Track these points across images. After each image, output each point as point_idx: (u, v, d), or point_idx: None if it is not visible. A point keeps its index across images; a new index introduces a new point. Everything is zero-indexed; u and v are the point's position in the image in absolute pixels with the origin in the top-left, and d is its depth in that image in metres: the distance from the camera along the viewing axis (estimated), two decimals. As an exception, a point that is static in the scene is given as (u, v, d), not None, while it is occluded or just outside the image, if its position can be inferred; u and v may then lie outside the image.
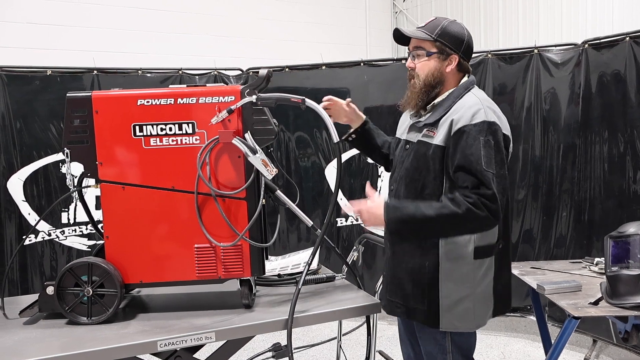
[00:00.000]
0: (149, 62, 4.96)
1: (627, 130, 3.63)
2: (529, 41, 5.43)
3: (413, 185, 2.03)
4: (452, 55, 2.03)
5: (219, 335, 1.84)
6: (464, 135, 1.90)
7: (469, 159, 1.87)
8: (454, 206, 1.86)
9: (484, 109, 1.93)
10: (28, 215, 4.20)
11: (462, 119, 1.92)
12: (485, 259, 2.02)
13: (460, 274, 1.99)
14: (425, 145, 2.01)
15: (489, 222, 1.89)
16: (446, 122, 1.96)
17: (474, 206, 1.84)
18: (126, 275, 1.98)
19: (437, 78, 2.03)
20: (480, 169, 1.86)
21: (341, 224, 4.71)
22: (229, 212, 1.96)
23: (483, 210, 1.84)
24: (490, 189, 1.84)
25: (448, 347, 2.04)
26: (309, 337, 4.16)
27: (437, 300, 2.00)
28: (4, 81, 4.10)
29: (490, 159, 1.87)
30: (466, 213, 1.84)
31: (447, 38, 2.02)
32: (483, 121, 1.91)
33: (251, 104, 1.93)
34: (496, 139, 1.91)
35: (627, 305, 2.26)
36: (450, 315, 1.99)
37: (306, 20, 7.96)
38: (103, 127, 1.95)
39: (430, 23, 2.07)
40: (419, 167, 2.02)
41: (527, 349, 3.94)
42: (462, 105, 1.97)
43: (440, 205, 1.89)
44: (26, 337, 1.84)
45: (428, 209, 1.90)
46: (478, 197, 1.85)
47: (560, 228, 4.12)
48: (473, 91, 2.04)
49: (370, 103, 4.59)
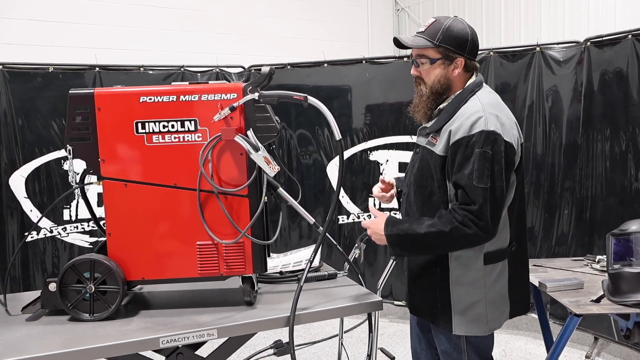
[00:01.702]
0: (150, 60, 4.96)
1: (629, 128, 3.62)
2: (531, 39, 5.42)
3: (421, 191, 2.03)
4: (457, 58, 1.97)
5: (221, 332, 1.84)
6: (460, 148, 1.87)
7: (462, 173, 1.85)
8: (441, 224, 1.86)
9: (484, 117, 1.88)
10: (30, 212, 4.21)
11: (460, 130, 1.88)
12: (497, 263, 1.99)
13: (470, 280, 1.97)
14: (428, 153, 2.00)
15: (478, 239, 1.86)
16: (447, 131, 1.92)
17: (462, 224, 1.83)
18: (128, 272, 1.99)
19: (444, 85, 1.98)
20: (470, 184, 1.83)
21: (343, 221, 4.72)
22: (231, 209, 1.96)
23: (471, 228, 1.82)
24: (476, 204, 1.82)
25: (463, 347, 2.02)
26: (311, 334, 4.16)
27: (449, 305, 1.99)
28: (6, 78, 4.10)
29: (482, 173, 1.82)
30: (452, 231, 1.83)
31: (450, 41, 1.95)
32: (481, 131, 1.85)
33: (253, 102, 1.93)
34: (495, 149, 1.85)
35: (629, 302, 2.26)
36: (462, 320, 1.98)
37: (308, 18, 7.95)
38: (105, 124, 1.95)
39: (430, 27, 1.98)
40: (424, 174, 2.01)
41: (529, 347, 3.94)
42: (463, 113, 1.92)
43: (430, 223, 1.89)
44: (29, 333, 1.85)
45: (419, 226, 1.90)
46: (465, 213, 1.83)
47: (561, 226, 4.12)
48: (478, 94, 1.98)
49: (372, 101, 4.59)
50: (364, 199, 4.64)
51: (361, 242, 2.65)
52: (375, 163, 4.61)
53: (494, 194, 1.84)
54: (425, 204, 2.01)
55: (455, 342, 2.03)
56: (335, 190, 1.94)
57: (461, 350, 2.02)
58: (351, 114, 4.68)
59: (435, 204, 1.97)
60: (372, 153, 4.62)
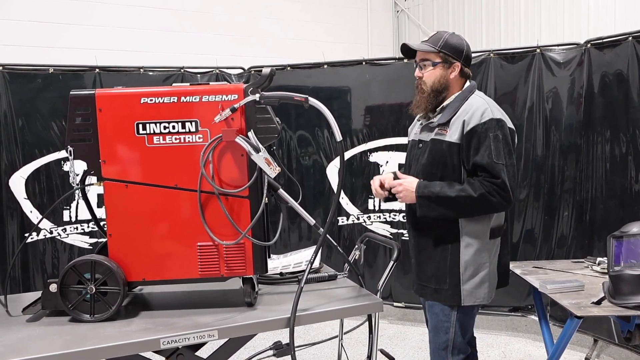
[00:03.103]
0: (151, 61, 4.96)
1: (630, 130, 3.62)
2: (531, 41, 5.42)
3: (431, 177, 2.29)
4: (454, 63, 2.31)
5: (221, 333, 1.84)
6: (475, 134, 2.20)
7: (481, 154, 2.18)
8: (471, 190, 2.17)
9: (490, 108, 2.23)
10: (30, 213, 4.20)
11: (473, 119, 2.21)
12: (496, 239, 2.34)
13: (478, 253, 2.27)
14: (439, 143, 2.28)
15: (500, 207, 2.22)
16: (457, 122, 2.24)
17: (488, 193, 2.16)
18: (129, 273, 1.99)
19: (443, 84, 2.31)
20: (490, 162, 2.16)
21: (343, 222, 4.72)
22: (231, 210, 1.97)
23: (495, 197, 2.16)
24: (499, 178, 2.16)
25: (453, 321, 2.31)
26: (310, 335, 4.16)
27: (459, 278, 2.27)
28: (6, 79, 4.10)
29: (499, 152, 2.18)
30: (480, 197, 2.16)
31: (449, 49, 2.30)
32: (491, 119, 2.20)
33: (254, 103, 1.94)
34: (504, 133, 2.21)
35: (630, 304, 2.27)
36: (470, 290, 2.28)
37: (308, 19, 7.96)
38: (106, 125, 1.96)
39: (433, 36, 2.33)
40: (434, 162, 2.29)
41: (528, 349, 3.94)
42: (471, 107, 2.25)
43: (460, 188, 2.20)
44: (29, 334, 1.85)
45: (450, 190, 2.20)
46: (491, 185, 2.16)
47: (561, 228, 4.11)
48: (477, 93, 2.33)
49: (372, 102, 4.59)
50: (364, 200, 4.64)
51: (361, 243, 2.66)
52: (375, 164, 4.60)
53: (509, 170, 2.20)
54: None
55: (447, 315, 2.31)
56: (336, 191, 1.95)
57: (451, 323, 2.31)
58: (351, 115, 4.69)
59: None
60: (372, 154, 4.62)
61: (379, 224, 4.63)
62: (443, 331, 2.33)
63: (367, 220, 4.67)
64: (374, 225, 4.66)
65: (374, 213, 4.65)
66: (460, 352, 2.34)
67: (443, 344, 2.33)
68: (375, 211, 4.64)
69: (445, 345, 2.33)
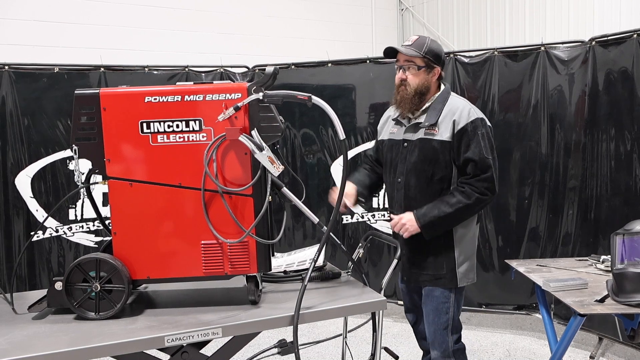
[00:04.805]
0: (155, 60, 4.97)
1: (634, 128, 3.61)
2: (536, 38, 5.41)
3: (423, 174, 2.45)
4: (435, 68, 2.47)
5: (225, 331, 1.85)
6: (466, 132, 2.39)
7: (472, 150, 2.37)
8: (466, 199, 2.37)
9: (472, 108, 2.45)
10: (36, 212, 4.23)
11: (462, 119, 2.40)
12: (478, 223, 2.58)
13: (468, 238, 2.50)
14: (429, 141, 2.43)
15: (490, 199, 2.42)
16: (446, 122, 2.42)
17: (481, 194, 2.37)
18: (134, 271, 2.00)
19: (425, 87, 2.46)
20: (482, 157, 2.37)
21: (347, 221, 4.72)
22: (235, 208, 1.97)
23: (487, 195, 2.38)
24: (488, 172, 2.37)
25: (452, 302, 2.50)
26: (315, 333, 4.17)
27: (454, 264, 2.47)
28: (12, 78, 4.13)
29: (487, 147, 2.38)
30: (476, 201, 2.37)
31: (431, 54, 2.45)
32: (476, 118, 2.41)
33: (258, 101, 1.94)
34: (487, 130, 2.43)
35: (633, 302, 2.26)
36: (465, 272, 2.49)
37: (312, 18, 7.96)
38: (111, 124, 1.97)
39: (416, 42, 2.47)
40: (426, 159, 2.43)
41: (533, 347, 3.93)
42: (456, 107, 2.44)
43: (455, 200, 2.37)
44: (35, 332, 1.86)
45: (447, 207, 2.37)
46: (481, 184, 2.36)
47: (566, 226, 4.11)
48: (453, 94, 2.52)
49: (376, 100, 4.59)
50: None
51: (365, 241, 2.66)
52: (379, 163, 4.60)
53: (495, 163, 2.41)
54: (428, 184, 2.45)
55: (447, 296, 2.48)
56: (340, 189, 1.95)
57: (450, 304, 2.49)
58: (355, 113, 4.69)
59: (437, 183, 2.44)
60: (376, 153, 4.61)
61: (383, 222, 4.63)
62: (444, 312, 2.49)
63: (371, 218, 4.67)
64: (378, 223, 4.66)
65: (378, 211, 4.65)
66: (457, 331, 2.55)
67: (444, 324, 2.50)
68: (379, 209, 4.64)
69: (446, 324, 2.50)
